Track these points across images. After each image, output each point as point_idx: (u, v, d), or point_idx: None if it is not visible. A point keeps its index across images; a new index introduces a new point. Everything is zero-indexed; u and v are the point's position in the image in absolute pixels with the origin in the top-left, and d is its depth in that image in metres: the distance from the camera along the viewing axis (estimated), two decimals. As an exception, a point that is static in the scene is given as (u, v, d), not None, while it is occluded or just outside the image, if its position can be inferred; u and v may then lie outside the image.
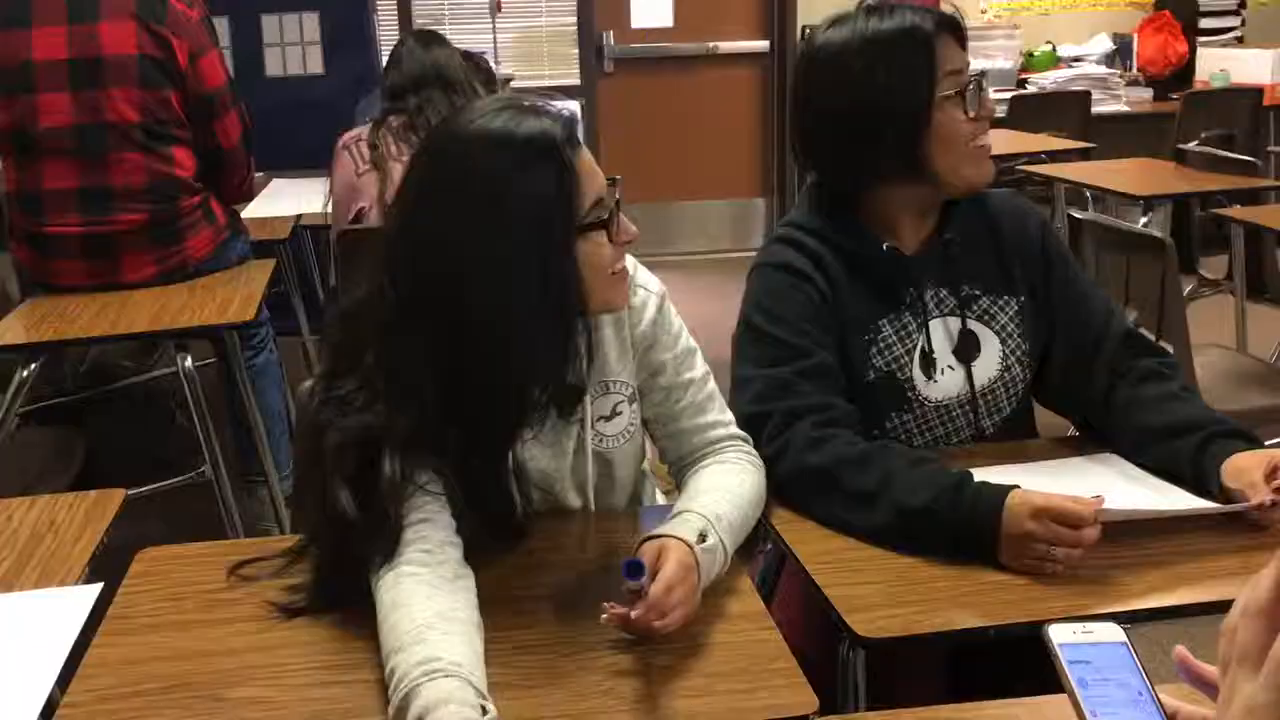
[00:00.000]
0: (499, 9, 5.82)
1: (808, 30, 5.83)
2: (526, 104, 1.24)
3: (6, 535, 1.41)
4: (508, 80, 5.27)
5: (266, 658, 1.14)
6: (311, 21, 5.00)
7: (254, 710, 1.06)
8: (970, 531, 1.28)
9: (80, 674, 1.12)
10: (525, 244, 1.19)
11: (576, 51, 5.95)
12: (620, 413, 1.38)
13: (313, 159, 4.24)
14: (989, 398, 1.57)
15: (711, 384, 1.43)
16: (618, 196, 1.27)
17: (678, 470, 1.42)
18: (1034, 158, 4.33)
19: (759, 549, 1.60)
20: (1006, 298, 1.57)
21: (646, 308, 1.41)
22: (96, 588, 1.26)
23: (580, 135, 1.27)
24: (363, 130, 2.99)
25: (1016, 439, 1.61)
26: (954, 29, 1.50)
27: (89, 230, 2.59)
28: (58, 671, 1.11)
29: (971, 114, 1.49)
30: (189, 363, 2.42)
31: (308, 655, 1.14)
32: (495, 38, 5.81)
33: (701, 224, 6.22)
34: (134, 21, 2.54)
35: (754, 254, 1.61)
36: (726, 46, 6.05)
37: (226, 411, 2.89)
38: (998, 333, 1.57)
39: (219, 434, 2.62)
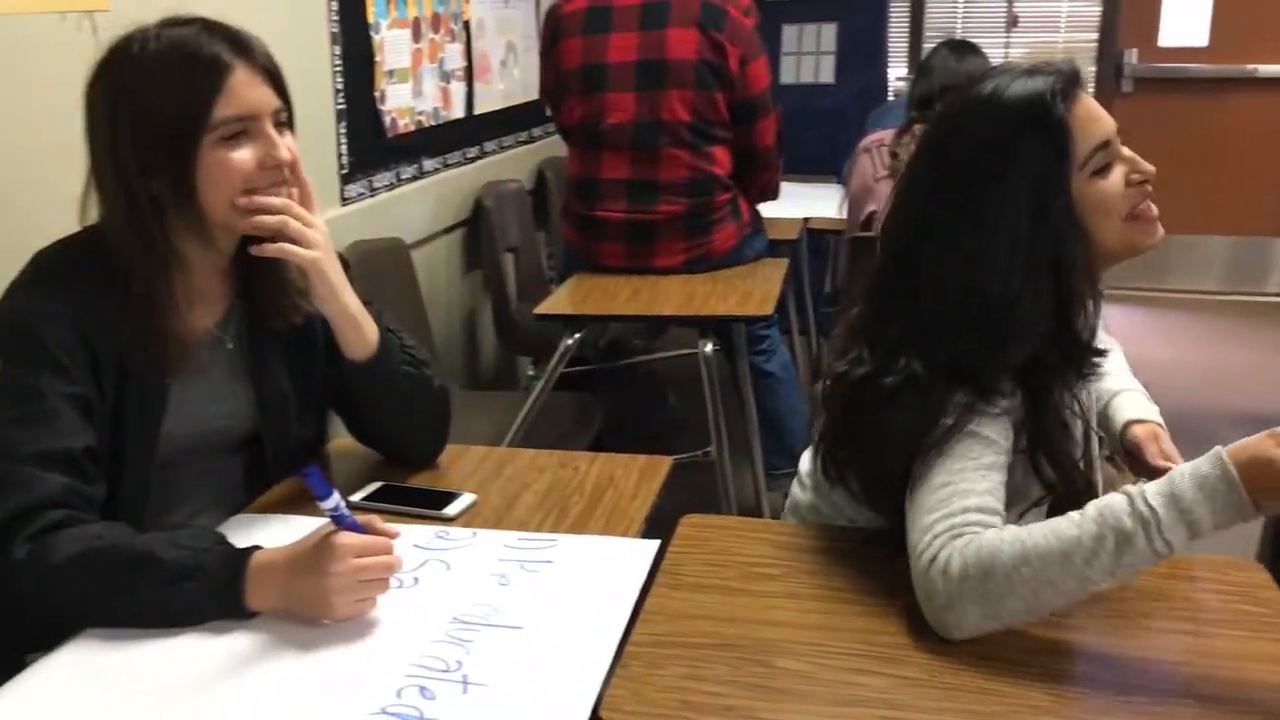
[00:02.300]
0: (1015, 23, 5.68)
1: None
2: (1025, 67, 1.29)
3: (575, 483, 1.59)
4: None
5: (808, 635, 1.21)
6: (829, 32, 5.15)
7: (798, 682, 1.13)
8: None
9: (643, 618, 1.24)
10: (1013, 202, 1.25)
11: (1094, 69, 5.67)
12: None
13: (817, 165, 4.39)
14: None
15: None
16: None
17: None
18: None
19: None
20: None
21: None
22: (655, 543, 1.40)
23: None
24: (885, 135, 3.05)
25: None
26: None
27: (632, 218, 2.86)
28: (630, 611, 1.25)
29: None
30: (709, 348, 2.60)
31: (847, 639, 1.19)
32: (1007, 53, 5.68)
33: (1205, 261, 5.69)
34: (696, 29, 2.76)
35: (1268, 298, 1.51)
36: (1268, 70, 5.50)
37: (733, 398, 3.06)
38: None
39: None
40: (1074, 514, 1.14)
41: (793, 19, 5.12)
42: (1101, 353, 1.35)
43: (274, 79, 1.40)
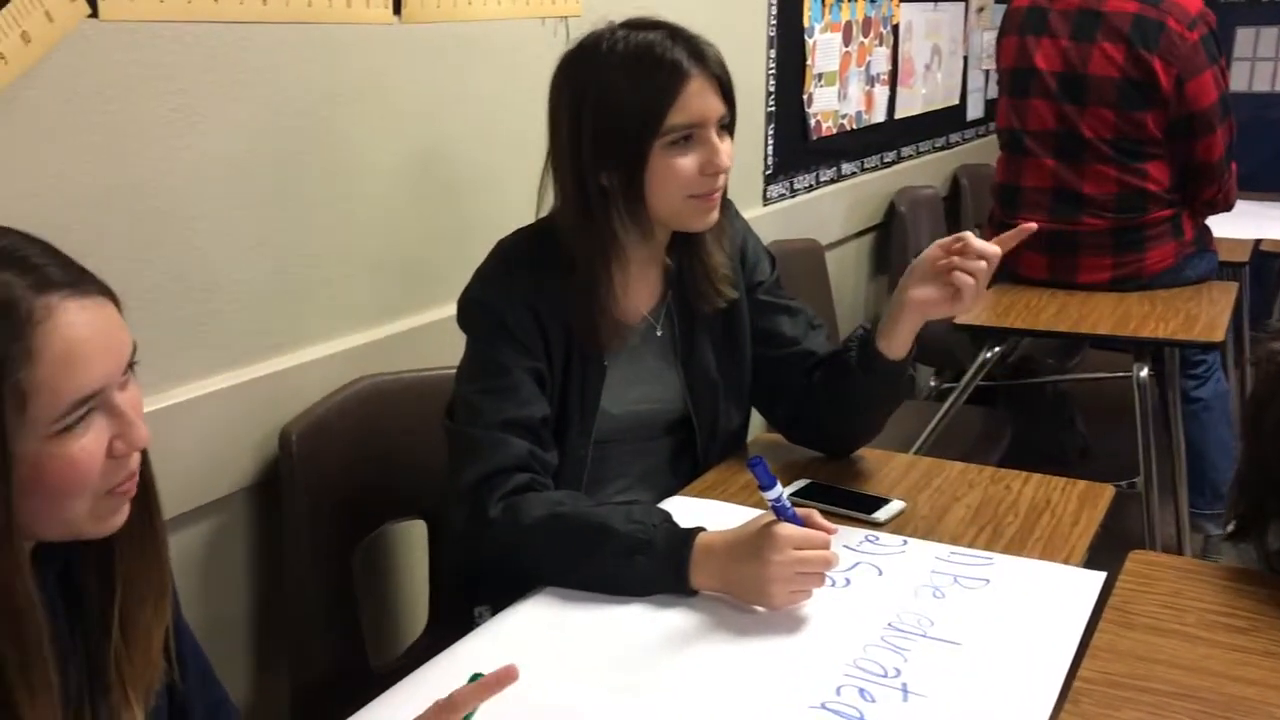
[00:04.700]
0: None
1: None
2: None
3: (1009, 503, 1.53)
4: None
5: (1289, 699, 1.09)
6: (1291, 36, 4.66)
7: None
8: None
9: (1091, 654, 1.17)
10: None
11: None
12: None
13: (1271, 182, 3.98)
14: None
15: None
16: None
17: None
18: None
19: None
20: None
21: None
22: (1101, 575, 1.31)
23: None
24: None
25: None
26: None
27: (1054, 228, 2.70)
28: (1077, 643, 1.17)
29: None
30: (1144, 373, 2.42)
31: (1339, 713, 1.06)
32: None
33: None
34: (1124, 45, 2.57)
35: None
36: None
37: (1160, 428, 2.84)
38: None
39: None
40: None
41: (1249, 21, 4.67)
42: None
43: (724, 86, 1.45)
